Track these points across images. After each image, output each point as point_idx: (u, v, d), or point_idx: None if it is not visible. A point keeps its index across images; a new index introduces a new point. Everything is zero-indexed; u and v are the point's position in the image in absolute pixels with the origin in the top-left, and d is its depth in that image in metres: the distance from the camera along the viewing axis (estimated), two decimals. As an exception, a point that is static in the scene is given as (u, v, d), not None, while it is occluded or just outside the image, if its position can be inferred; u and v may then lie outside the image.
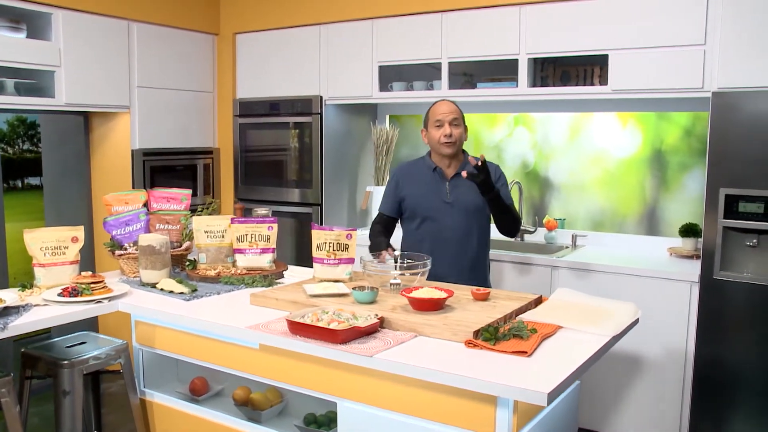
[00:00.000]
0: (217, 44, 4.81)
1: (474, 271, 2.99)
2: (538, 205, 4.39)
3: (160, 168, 4.40)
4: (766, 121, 2.97)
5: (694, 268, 3.38)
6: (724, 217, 3.09)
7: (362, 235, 3.43)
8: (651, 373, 3.39)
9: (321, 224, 4.47)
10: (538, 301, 2.53)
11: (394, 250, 2.79)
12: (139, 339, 2.71)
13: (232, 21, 4.76)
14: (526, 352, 1.98)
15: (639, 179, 4.10)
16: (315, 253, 2.78)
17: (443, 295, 2.34)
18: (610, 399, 3.49)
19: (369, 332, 2.14)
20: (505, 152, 4.47)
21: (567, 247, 4.02)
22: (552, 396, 1.74)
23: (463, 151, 3.03)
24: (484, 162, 2.71)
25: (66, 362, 2.51)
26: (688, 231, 3.66)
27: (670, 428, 3.37)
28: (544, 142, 4.38)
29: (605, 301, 2.48)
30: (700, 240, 3.64)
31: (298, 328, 2.12)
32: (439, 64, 4.02)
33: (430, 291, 2.37)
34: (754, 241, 3.05)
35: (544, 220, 4.21)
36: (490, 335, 2.07)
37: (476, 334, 2.09)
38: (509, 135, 4.50)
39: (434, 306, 2.30)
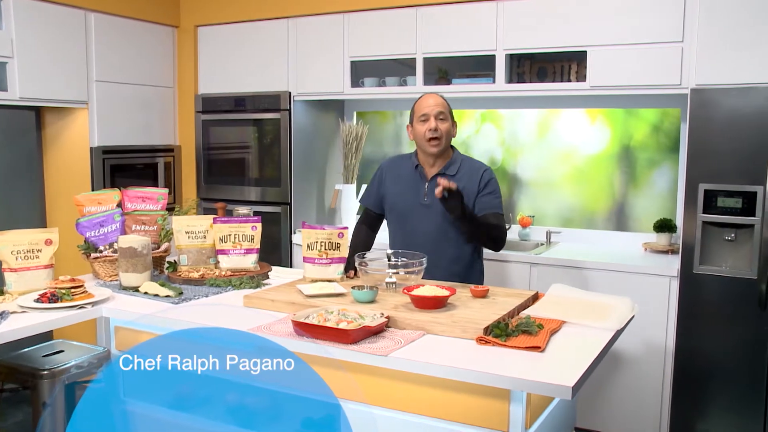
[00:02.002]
0: (177, 37, 4.71)
1: (453, 279, 2.78)
2: (506, 202, 4.47)
3: (121, 166, 4.28)
4: (743, 117, 3.12)
5: (670, 262, 3.52)
6: (703, 212, 3.23)
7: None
8: (631, 367, 3.51)
9: (291, 224, 4.46)
10: (535, 298, 2.59)
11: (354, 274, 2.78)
12: (119, 346, 2.64)
13: (192, 13, 4.68)
14: (539, 347, 2.02)
15: (608, 175, 4.23)
16: (306, 253, 2.77)
17: (446, 293, 2.37)
18: (590, 394, 3.60)
19: (378, 332, 2.15)
20: (472, 149, 4.54)
21: (542, 244, 4.12)
22: (575, 389, 1.79)
23: (452, 148, 2.93)
24: (454, 191, 2.55)
25: (46, 372, 2.43)
26: (663, 226, 3.81)
27: (651, 421, 3.50)
28: (512, 139, 4.47)
29: (602, 296, 2.57)
30: (675, 235, 3.81)
31: (305, 329, 2.12)
32: (414, 59, 4.05)
33: (432, 289, 2.39)
34: (732, 235, 3.21)
35: (518, 217, 4.30)
36: (501, 331, 2.11)
37: (486, 330, 2.13)
38: (476, 132, 4.57)
39: (437, 304, 2.33)
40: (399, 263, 2.65)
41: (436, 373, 1.93)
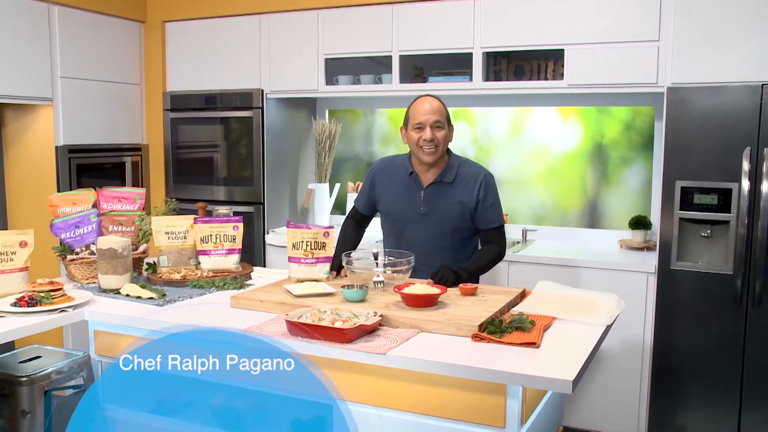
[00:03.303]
0: (144, 33, 4.66)
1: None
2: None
3: (87, 166, 4.21)
4: (719, 115, 3.24)
5: (646, 259, 3.64)
6: (680, 209, 3.34)
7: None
8: (610, 363, 3.61)
9: (264, 223, 4.45)
10: (522, 295, 2.65)
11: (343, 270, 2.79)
12: (98, 350, 2.60)
13: (160, 8, 4.62)
14: (534, 343, 2.08)
15: (580, 173, 4.34)
16: (291, 253, 2.78)
17: (436, 291, 2.41)
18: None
19: (372, 330, 2.18)
20: (444, 147, 4.60)
21: (518, 242, 4.19)
22: (575, 383, 1.85)
23: (448, 152, 2.89)
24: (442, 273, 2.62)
25: (25, 379, 2.39)
26: (638, 223, 3.92)
27: (630, 417, 3.60)
28: (485, 137, 4.54)
29: (588, 293, 2.64)
30: (650, 232, 3.93)
31: (300, 329, 2.13)
32: (390, 57, 4.08)
33: (422, 287, 2.43)
34: (708, 231, 3.32)
35: (494, 216, 4.36)
36: (495, 328, 2.16)
37: (481, 327, 2.18)
38: (449, 130, 4.62)
39: (428, 302, 2.37)
40: (386, 262, 2.68)
41: (435, 371, 1.97)
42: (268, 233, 4.44)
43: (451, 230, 2.83)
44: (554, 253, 3.80)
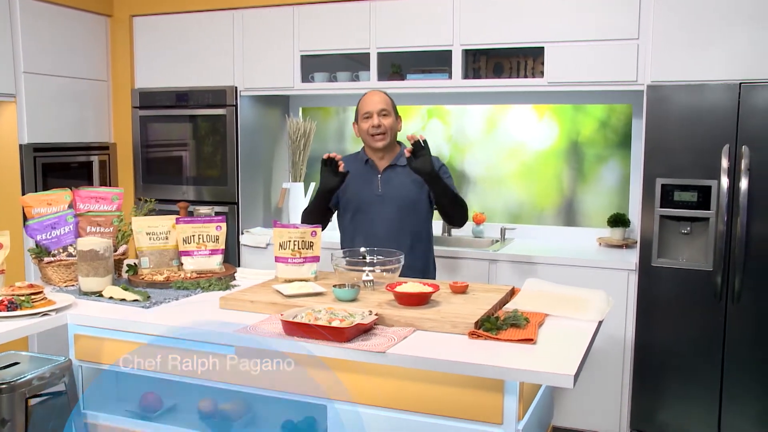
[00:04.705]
0: (110, 27, 4.60)
1: (411, 268, 2.96)
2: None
3: (54, 165, 4.16)
4: (698, 113, 3.36)
5: (626, 256, 3.74)
6: (661, 206, 3.45)
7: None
8: (591, 361, 3.69)
9: (238, 224, 4.44)
10: (512, 293, 2.72)
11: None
12: (79, 355, 2.59)
13: (127, 1, 4.58)
14: (532, 340, 2.14)
15: (556, 171, 4.43)
16: (278, 253, 2.79)
17: (429, 289, 2.46)
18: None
19: (369, 329, 2.21)
20: (419, 146, 4.65)
21: (497, 241, 4.27)
22: (575, 378, 1.91)
23: (399, 143, 3.13)
24: (422, 142, 2.82)
25: (5, 386, 2.35)
26: (617, 221, 4.03)
27: (612, 413, 3.70)
28: (460, 135, 4.61)
29: (577, 290, 2.72)
30: (629, 229, 4.04)
31: (296, 329, 2.15)
32: (368, 55, 4.12)
33: (415, 285, 2.48)
34: (688, 228, 3.44)
35: (472, 214, 4.43)
36: (491, 325, 2.21)
37: (476, 325, 2.23)
38: (423, 128, 4.68)
39: (422, 301, 2.41)
40: (375, 261, 2.73)
41: (437, 368, 2.01)
42: (242, 234, 4.43)
43: (409, 210, 3.04)
44: (534, 252, 3.88)
